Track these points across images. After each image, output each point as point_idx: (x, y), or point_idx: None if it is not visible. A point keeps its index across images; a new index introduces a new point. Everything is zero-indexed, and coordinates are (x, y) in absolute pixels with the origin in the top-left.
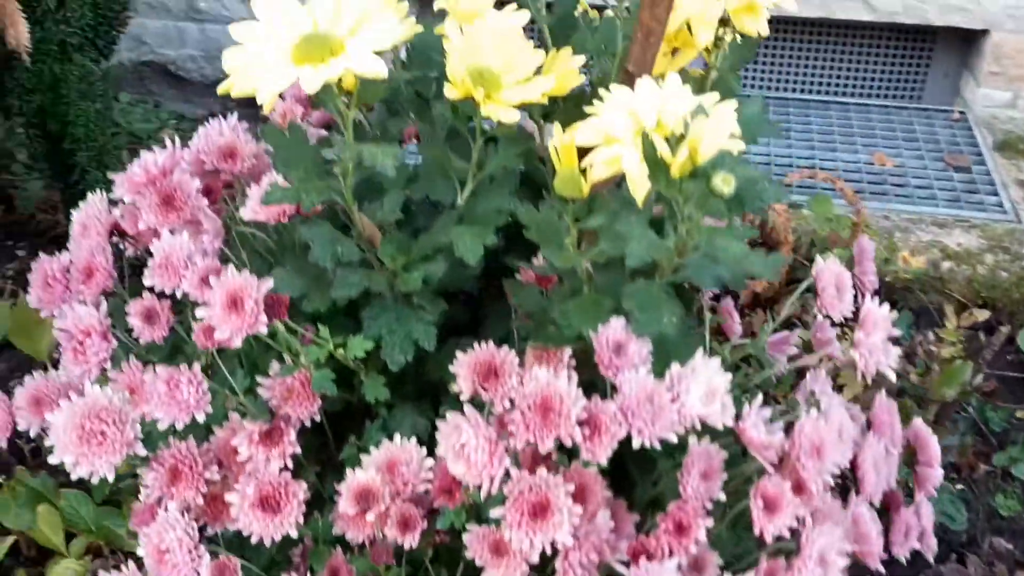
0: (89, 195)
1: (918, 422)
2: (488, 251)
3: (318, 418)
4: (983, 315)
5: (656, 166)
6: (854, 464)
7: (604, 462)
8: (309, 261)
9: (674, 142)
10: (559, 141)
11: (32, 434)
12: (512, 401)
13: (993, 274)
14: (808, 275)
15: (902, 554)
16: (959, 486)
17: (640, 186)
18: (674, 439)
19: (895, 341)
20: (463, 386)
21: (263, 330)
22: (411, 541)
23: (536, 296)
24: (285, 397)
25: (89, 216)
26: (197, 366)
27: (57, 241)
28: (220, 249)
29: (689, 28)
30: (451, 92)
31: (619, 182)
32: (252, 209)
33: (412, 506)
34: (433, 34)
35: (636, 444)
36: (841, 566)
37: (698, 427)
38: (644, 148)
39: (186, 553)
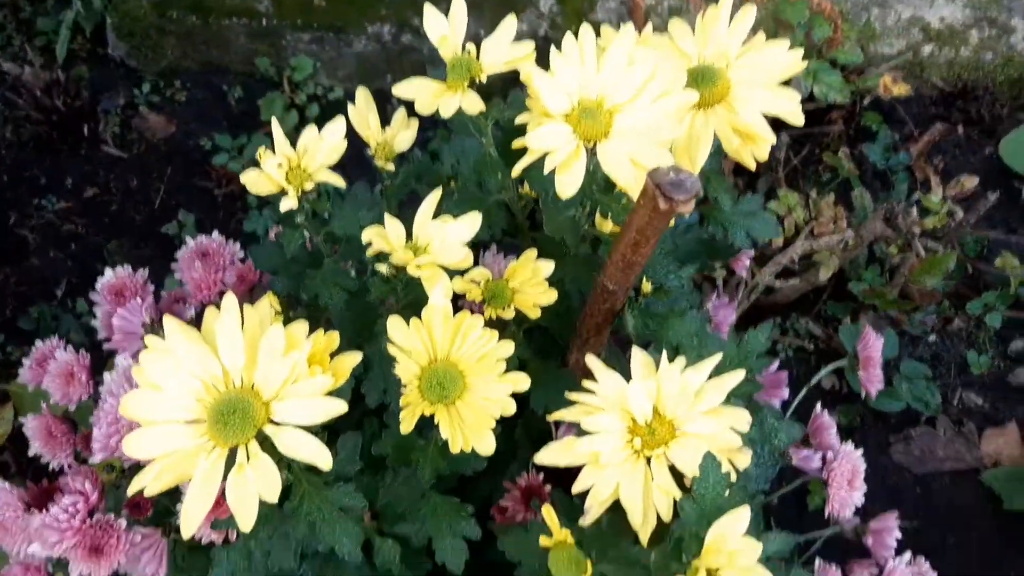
0: None
1: None
2: None
3: None
4: (971, 182)
5: None
6: None
7: None
8: None
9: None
10: (547, 514)
11: None
12: None
13: (977, 56)
14: None
15: None
16: (932, 337)
17: (645, 526)
18: None
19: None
20: None
21: None
22: None
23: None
24: None
25: None
26: None
27: None
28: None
29: None
30: (406, 421)
31: None
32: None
33: None
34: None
35: None
36: None
37: None
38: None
39: None
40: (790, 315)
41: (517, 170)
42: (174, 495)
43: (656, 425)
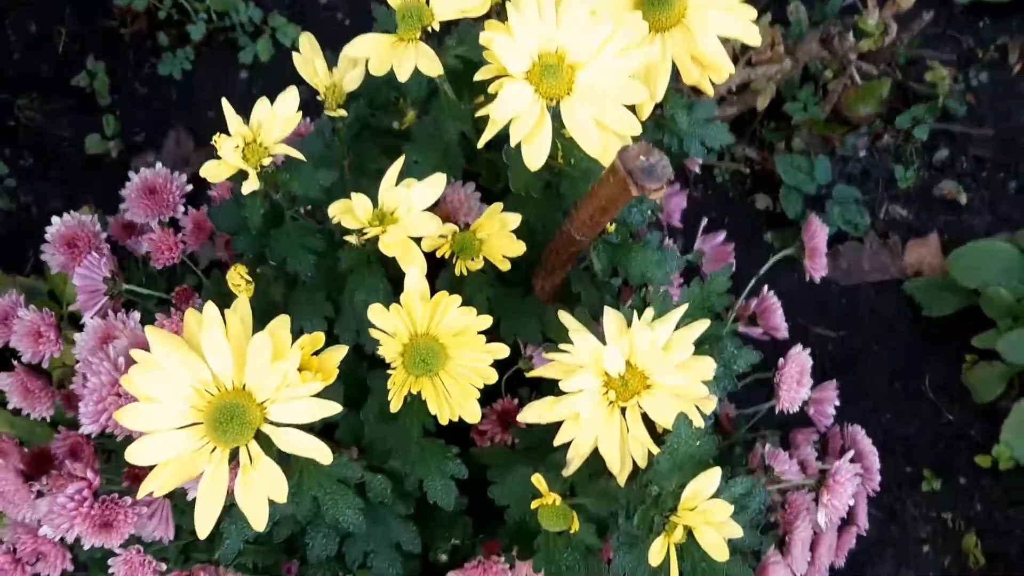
0: None
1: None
2: None
3: None
4: (907, 3)
5: None
6: None
7: None
8: None
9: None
10: (537, 482)
11: None
12: None
13: None
14: None
15: None
16: (862, 153)
17: (623, 471)
18: None
19: None
20: None
21: None
22: None
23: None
24: None
25: None
26: None
27: None
28: None
29: None
30: (395, 399)
31: None
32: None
33: None
34: None
35: None
36: None
37: None
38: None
39: None
40: None
41: (481, 143)
42: None
43: (629, 376)
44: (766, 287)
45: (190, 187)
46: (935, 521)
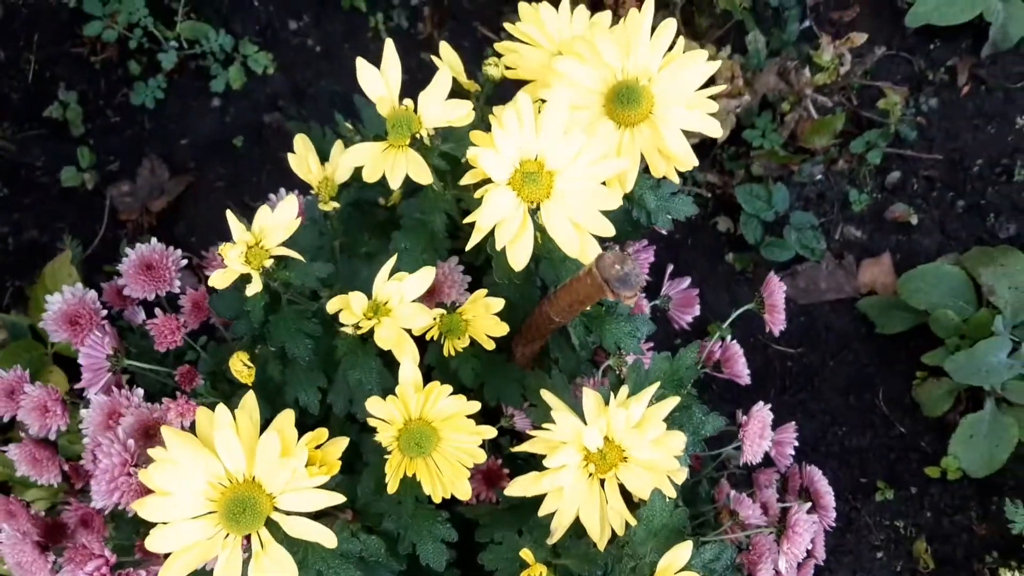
0: None
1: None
2: None
3: None
4: (860, 39)
5: None
6: None
7: None
8: None
9: None
10: (525, 556)
11: None
12: None
13: None
14: None
15: None
16: (818, 177)
17: (602, 538)
18: None
19: None
20: None
21: None
22: None
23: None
24: None
25: None
26: None
27: None
28: None
29: None
30: (392, 482)
31: None
32: None
33: None
34: None
35: None
36: None
37: None
38: None
39: None
40: None
41: (469, 247)
42: None
43: (607, 450)
44: (729, 337)
45: (185, 262)
46: (888, 528)
